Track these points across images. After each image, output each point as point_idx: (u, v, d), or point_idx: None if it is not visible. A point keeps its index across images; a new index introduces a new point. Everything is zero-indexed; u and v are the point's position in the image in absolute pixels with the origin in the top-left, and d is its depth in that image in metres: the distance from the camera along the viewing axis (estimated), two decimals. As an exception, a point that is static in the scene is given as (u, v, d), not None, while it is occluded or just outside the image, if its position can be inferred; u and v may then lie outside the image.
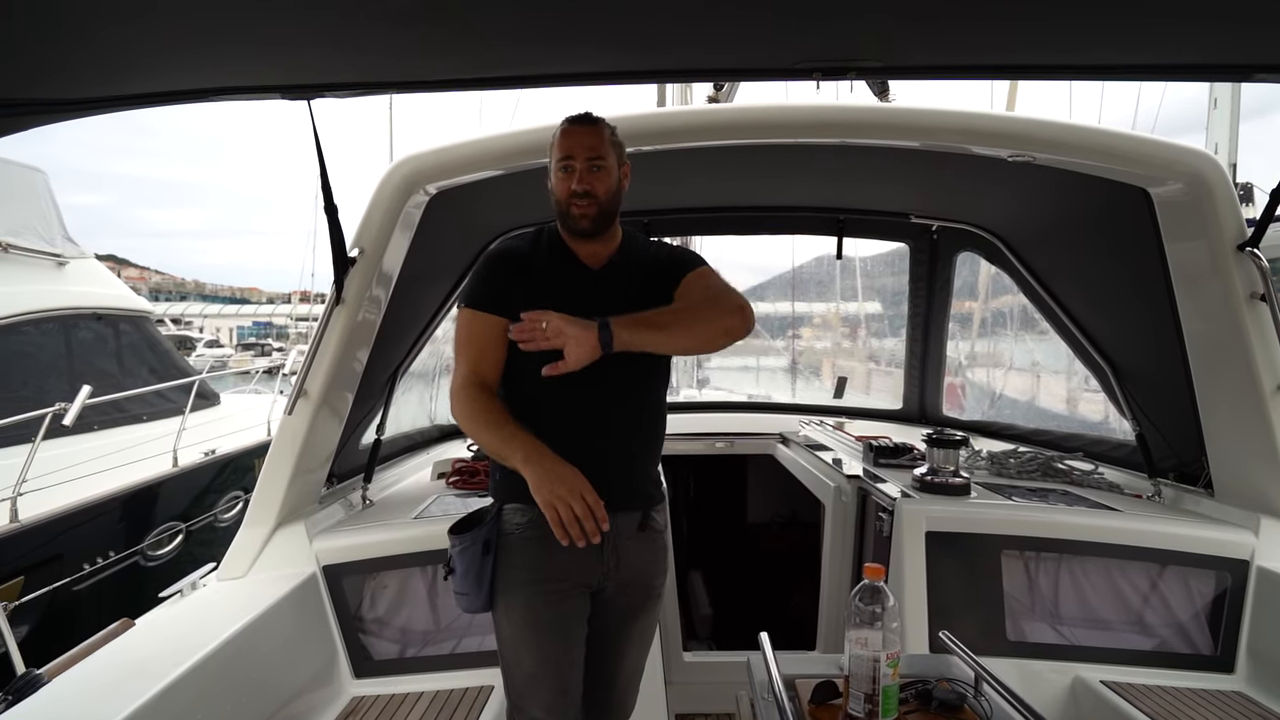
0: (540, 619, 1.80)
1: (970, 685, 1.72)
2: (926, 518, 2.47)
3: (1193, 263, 2.40)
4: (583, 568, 1.81)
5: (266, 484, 2.42)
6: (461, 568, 1.81)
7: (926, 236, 3.94)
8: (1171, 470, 2.81)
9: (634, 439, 1.89)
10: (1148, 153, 2.29)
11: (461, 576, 1.81)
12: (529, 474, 1.67)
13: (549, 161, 1.86)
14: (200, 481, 6.12)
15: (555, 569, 1.80)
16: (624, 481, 1.84)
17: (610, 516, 1.70)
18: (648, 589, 1.95)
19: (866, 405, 4.71)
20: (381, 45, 1.67)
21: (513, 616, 1.82)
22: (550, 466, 1.68)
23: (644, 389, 1.91)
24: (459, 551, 1.81)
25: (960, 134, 2.31)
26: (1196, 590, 2.43)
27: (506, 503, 1.83)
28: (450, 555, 1.84)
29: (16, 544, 4.38)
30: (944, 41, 1.74)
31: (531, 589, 1.80)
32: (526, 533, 1.80)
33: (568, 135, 1.83)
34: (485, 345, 1.81)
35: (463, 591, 1.82)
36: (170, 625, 2.10)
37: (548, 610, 1.81)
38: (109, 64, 1.62)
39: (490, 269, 1.87)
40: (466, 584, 1.81)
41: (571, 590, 1.83)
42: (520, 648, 1.82)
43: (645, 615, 1.98)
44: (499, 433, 1.75)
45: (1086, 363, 3.18)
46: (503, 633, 1.85)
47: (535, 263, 1.87)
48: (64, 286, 6.52)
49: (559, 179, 1.82)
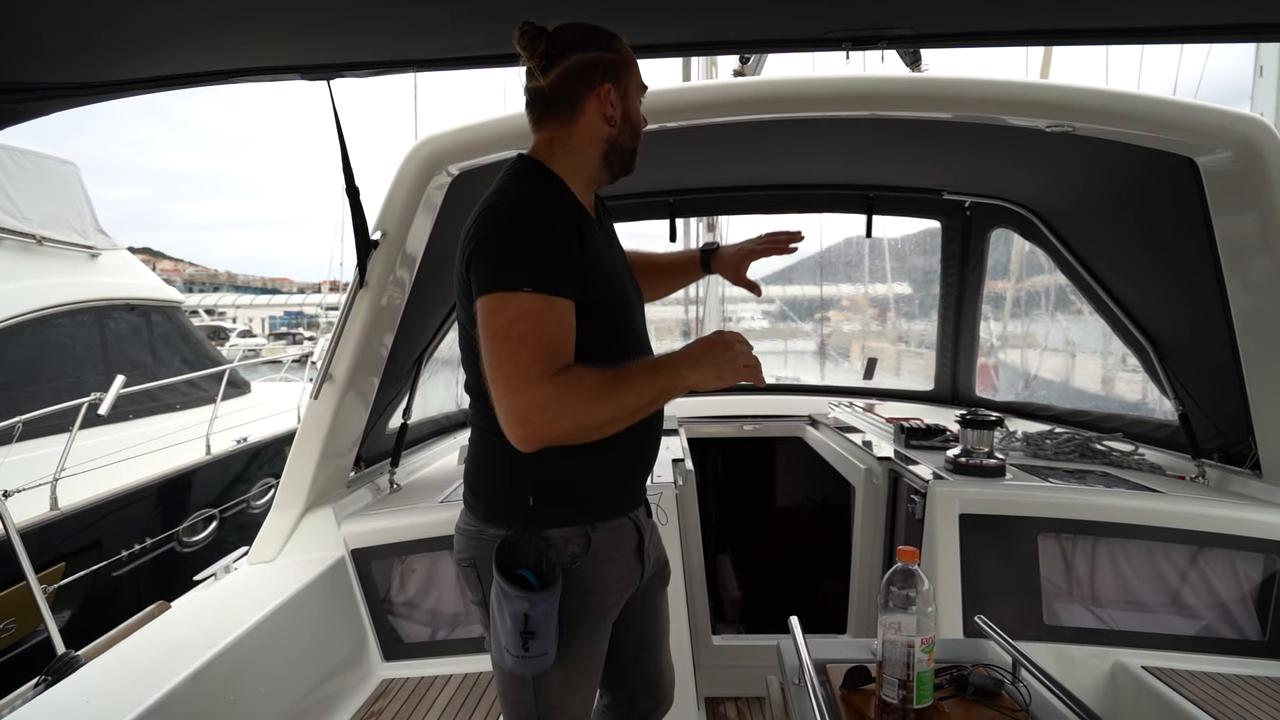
0: (597, 659, 1.58)
1: (1007, 671, 1.68)
2: (960, 500, 2.42)
3: (1242, 235, 2.30)
4: (629, 583, 1.60)
5: (294, 469, 2.44)
6: (544, 627, 1.41)
7: (959, 213, 3.85)
8: (1216, 451, 2.72)
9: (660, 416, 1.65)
10: (1195, 119, 2.19)
11: (544, 638, 1.42)
12: (697, 380, 1.37)
13: (610, 82, 1.49)
14: (233, 468, 6.24)
15: (611, 598, 1.55)
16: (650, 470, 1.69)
17: (640, 514, 1.63)
18: (663, 577, 1.79)
19: (897, 387, 4.64)
20: (401, 23, 1.64)
21: (573, 665, 1.51)
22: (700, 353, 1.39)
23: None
24: (542, 611, 1.41)
25: (996, 104, 2.23)
26: (1243, 574, 2.35)
27: (548, 528, 1.48)
28: (526, 616, 1.40)
29: (57, 531, 4.49)
30: (978, 6, 1.68)
31: (596, 624, 1.54)
32: (584, 561, 1.49)
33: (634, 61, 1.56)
34: (566, 338, 1.36)
35: (542, 653, 1.42)
36: (203, 609, 2.12)
37: (602, 646, 1.58)
38: (127, 48, 1.61)
39: (549, 239, 1.37)
40: (548, 643, 1.43)
41: (619, 610, 1.60)
42: (570, 695, 1.53)
43: (665, 603, 1.83)
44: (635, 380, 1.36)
45: (1126, 341, 3.08)
46: (550, 681, 1.50)
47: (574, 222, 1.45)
48: (97, 278, 6.64)
49: (638, 107, 1.55)
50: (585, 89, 1.47)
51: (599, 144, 1.51)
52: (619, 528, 1.56)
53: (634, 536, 1.60)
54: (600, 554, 1.51)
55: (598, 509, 1.53)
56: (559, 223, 1.39)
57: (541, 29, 1.45)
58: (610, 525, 1.54)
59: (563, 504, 1.50)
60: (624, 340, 1.52)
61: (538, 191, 1.45)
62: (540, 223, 1.37)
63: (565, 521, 1.49)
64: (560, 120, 1.50)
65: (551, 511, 1.49)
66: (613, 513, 1.56)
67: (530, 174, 1.49)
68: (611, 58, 1.50)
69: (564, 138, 1.50)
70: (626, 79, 1.52)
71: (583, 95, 1.48)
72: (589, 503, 1.53)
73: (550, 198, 1.45)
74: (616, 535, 1.56)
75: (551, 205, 1.43)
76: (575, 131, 1.50)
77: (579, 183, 1.52)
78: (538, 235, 1.36)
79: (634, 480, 1.62)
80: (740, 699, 3.10)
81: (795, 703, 1.64)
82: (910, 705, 1.48)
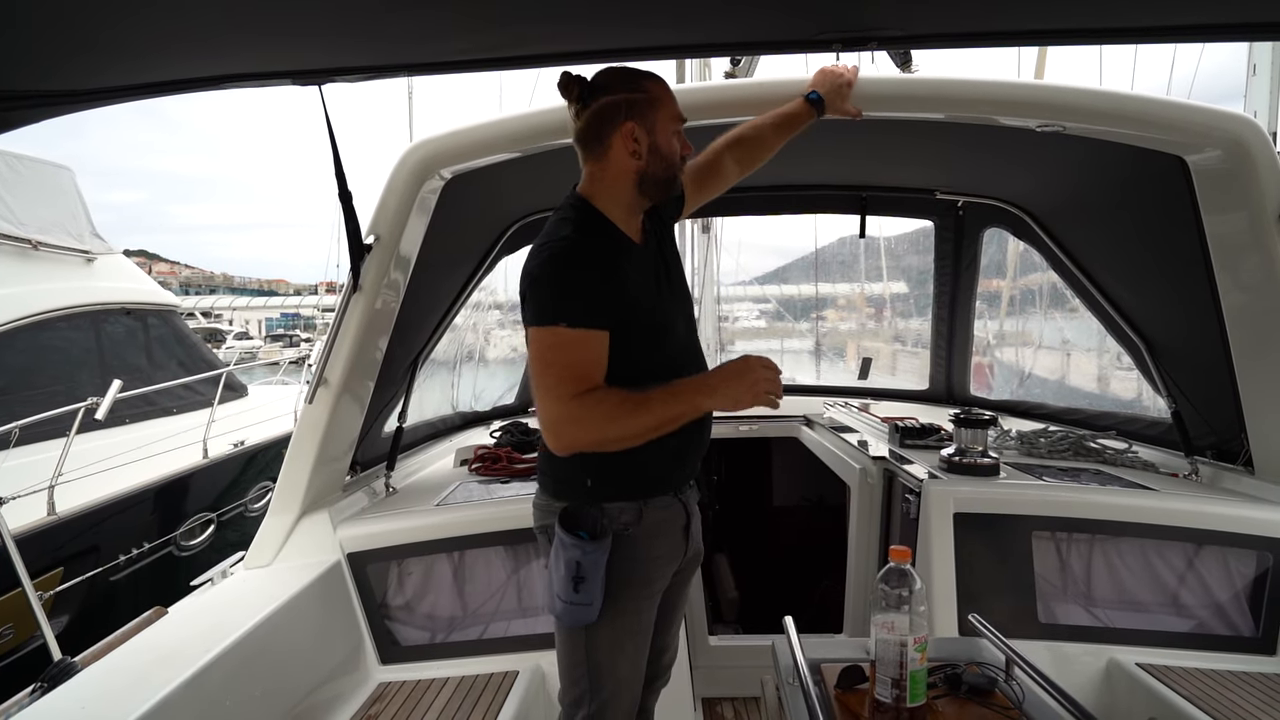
0: (644, 625, 1.77)
1: (1001, 669, 1.69)
2: (954, 499, 2.42)
3: (1232, 233, 2.31)
4: (673, 558, 1.81)
5: (290, 473, 2.44)
6: (594, 577, 1.65)
7: (952, 213, 3.86)
8: (1209, 448, 2.73)
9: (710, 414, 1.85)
10: (1185, 119, 2.20)
11: (592, 586, 1.65)
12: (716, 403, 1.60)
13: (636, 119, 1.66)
14: (230, 472, 6.23)
15: (658, 568, 1.77)
16: (701, 455, 1.86)
17: (688, 495, 1.81)
18: (699, 556, 1.95)
19: (892, 386, 4.65)
20: (393, 27, 1.64)
21: (620, 623, 1.72)
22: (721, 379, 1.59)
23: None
24: (593, 559, 1.65)
25: (988, 104, 2.24)
26: (1236, 571, 2.36)
27: (605, 502, 1.70)
28: (578, 563, 1.65)
29: (54, 536, 4.48)
30: (969, 7, 1.68)
31: (642, 591, 1.75)
32: (634, 531, 1.71)
33: (672, 93, 1.73)
34: (591, 371, 1.58)
35: (587, 601, 1.66)
36: (199, 614, 2.12)
37: (650, 612, 1.78)
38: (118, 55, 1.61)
39: (578, 275, 1.59)
40: (594, 593, 1.66)
41: (664, 586, 1.81)
42: (619, 655, 1.74)
43: (692, 581, 2.03)
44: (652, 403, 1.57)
45: (1119, 339, 3.09)
46: (600, 638, 1.72)
47: (609, 255, 1.65)
48: (93, 282, 6.63)
49: (675, 140, 1.71)
50: (611, 127, 1.66)
51: (630, 176, 1.69)
52: (669, 506, 1.77)
53: (682, 516, 1.81)
54: (650, 527, 1.72)
55: (649, 487, 1.74)
56: (596, 263, 1.60)
57: (577, 77, 1.67)
58: (661, 502, 1.75)
59: (617, 483, 1.70)
60: (655, 358, 1.69)
61: (580, 235, 1.63)
62: (578, 266, 1.59)
63: (619, 496, 1.71)
64: (594, 157, 1.70)
65: (608, 489, 1.71)
66: (662, 490, 1.76)
67: (576, 216, 1.68)
68: (637, 97, 1.67)
69: (599, 172, 1.70)
70: (654, 115, 1.68)
71: (609, 133, 1.66)
72: (641, 482, 1.73)
73: (591, 240, 1.65)
74: (666, 512, 1.77)
75: (591, 248, 1.63)
76: (608, 166, 1.69)
77: (618, 211, 1.70)
78: (575, 279, 1.58)
79: (681, 465, 1.80)
80: (737, 699, 3.11)
81: (790, 703, 1.65)
82: (904, 704, 1.48)
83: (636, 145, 1.66)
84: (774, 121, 2.12)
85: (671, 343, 1.77)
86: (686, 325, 1.84)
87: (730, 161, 2.09)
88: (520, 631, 2.46)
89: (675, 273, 1.84)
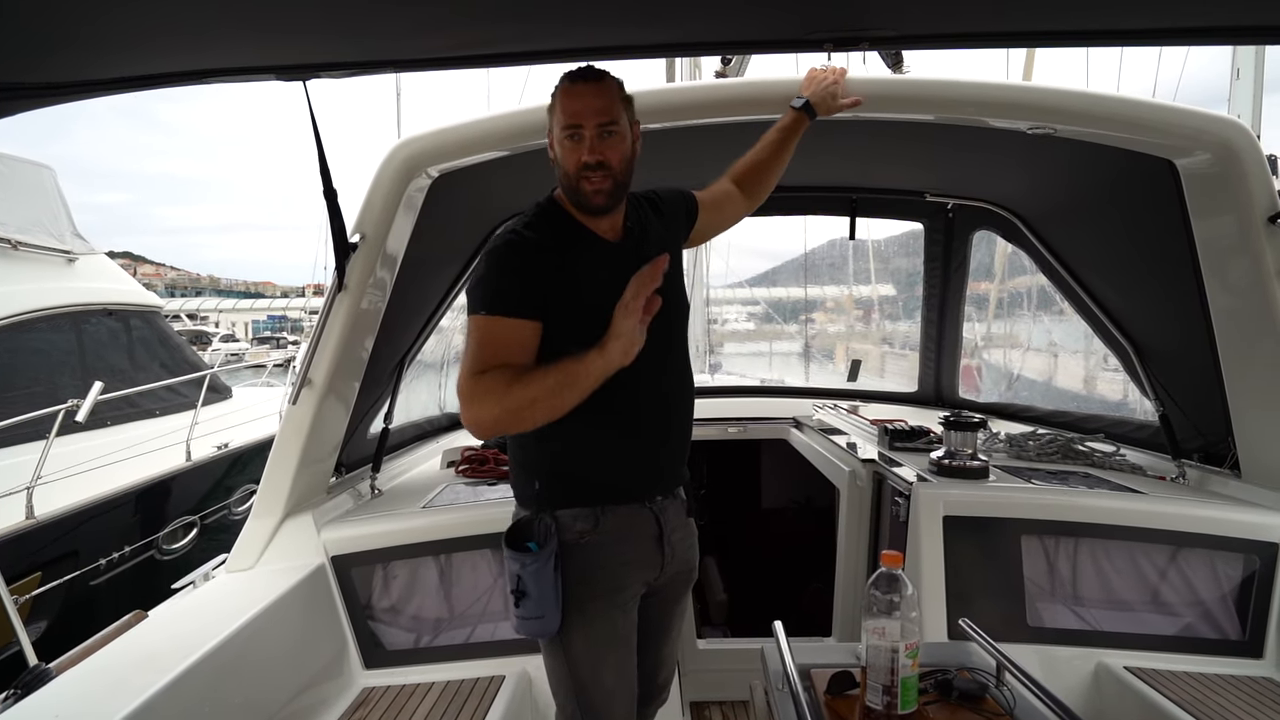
0: (620, 633, 1.70)
1: (991, 674, 1.68)
2: (944, 502, 2.42)
3: (1221, 237, 2.31)
4: (645, 567, 1.75)
5: (273, 475, 2.40)
6: (537, 590, 1.61)
7: (942, 215, 3.86)
8: (1196, 451, 2.74)
9: (684, 419, 1.81)
10: (1174, 122, 2.21)
11: (538, 600, 1.62)
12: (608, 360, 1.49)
13: (550, 128, 1.65)
14: (213, 475, 6.17)
15: (625, 575, 1.71)
16: (674, 467, 1.80)
17: (662, 505, 1.73)
18: (689, 573, 1.90)
19: (881, 388, 4.64)
20: (379, 23, 1.62)
21: (593, 634, 1.67)
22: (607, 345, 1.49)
23: (686, 360, 1.81)
24: (532, 571, 1.61)
25: (978, 106, 2.23)
26: (1223, 574, 2.36)
27: (559, 509, 1.67)
28: (518, 576, 1.62)
29: (33, 540, 4.41)
30: (960, 8, 1.67)
31: (610, 600, 1.68)
32: (590, 539, 1.66)
33: (572, 96, 1.60)
34: (511, 356, 1.56)
35: (537, 615, 1.63)
36: (179, 618, 2.08)
37: (625, 623, 1.71)
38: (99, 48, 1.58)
39: (505, 267, 1.60)
40: (543, 606, 1.62)
41: (637, 594, 1.75)
42: (600, 666, 1.69)
43: (685, 598, 1.95)
44: (545, 376, 1.51)
45: (1107, 342, 3.10)
46: (576, 650, 1.68)
47: (554, 250, 1.63)
48: (74, 283, 6.56)
49: (566, 149, 1.61)
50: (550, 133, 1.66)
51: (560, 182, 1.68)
52: (634, 514, 1.71)
53: (651, 525, 1.73)
54: (610, 535, 1.66)
55: (607, 493, 1.68)
56: (532, 255, 1.59)
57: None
58: (622, 511, 1.69)
59: (567, 489, 1.67)
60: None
61: (524, 229, 1.63)
62: (509, 258, 1.59)
63: (573, 503, 1.66)
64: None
65: (559, 495, 1.67)
66: (624, 499, 1.70)
67: (534, 211, 1.68)
68: (551, 102, 1.64)
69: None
70: (552, 120, 1.64)
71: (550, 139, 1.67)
72: (594, 489, 1.68)
73: (534, 233, 1.62)
74: (631, 520, 1.70)
75: (530, 241, 1.61)
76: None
77: (581, 213, 1.68)
78: (502, 270, 1.59)
79: (643, 472, 1.73)
80: (725, 703, 3.09)
81: (779, 708, 1.63)
82: (895, 711, 1.47)
83: (552, 151, 1.66)
84: (773, 141, 2.08)
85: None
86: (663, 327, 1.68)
87: (741, 194, 2.07)
88: (507, 636, 2.44)
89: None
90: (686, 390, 1.83)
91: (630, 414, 1.68)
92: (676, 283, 1.82)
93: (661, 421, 1.75)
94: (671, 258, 1.71)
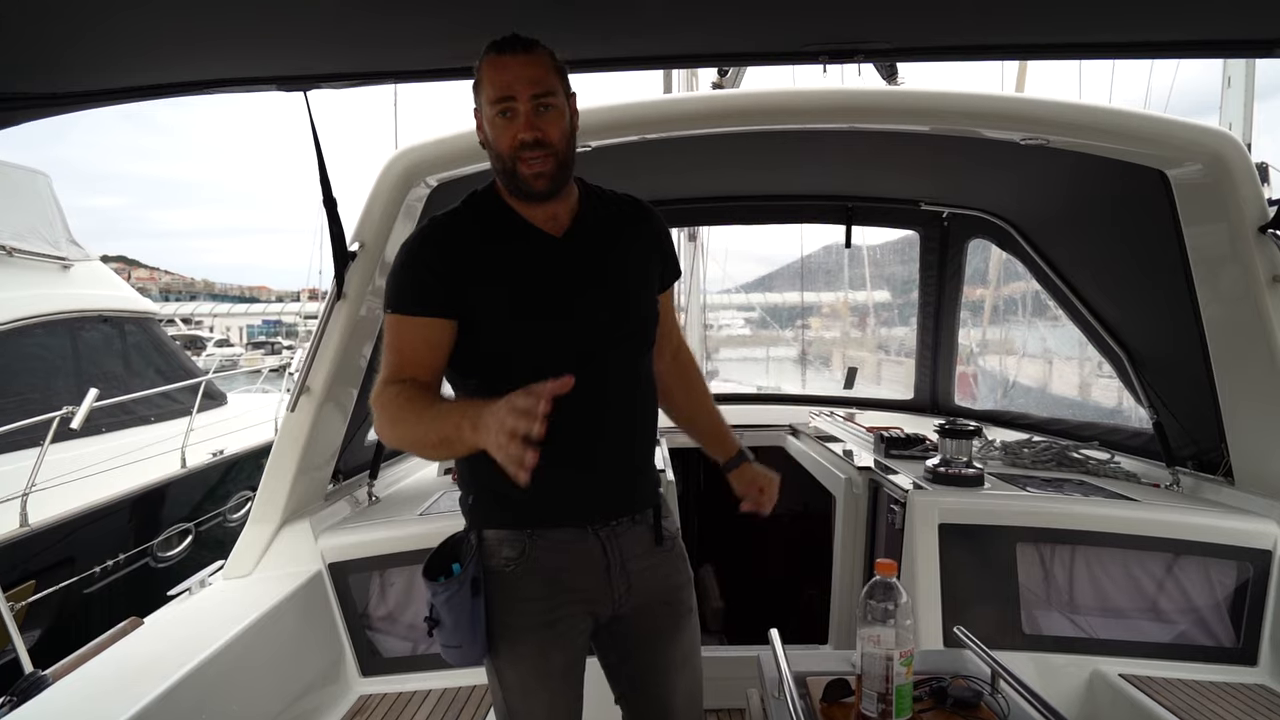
0: (554, 667, 1.52)
1: (986, 682, 1.68)
2: (939, 510, 2.43)
3: (1212, 246, 2.34)
4: (588, 600, 1.52)
5: (270, 482, 2.40)
6: (451, 619, 1.46)
7: (937, 223, 3.89)
8: (1190, 459, 2.76)
9: (635, 432, 1.57)
10: (1165, 133, 2.23)
11: (452, 629, 1.47)
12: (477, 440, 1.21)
13: (477, 107, 1.45)
14: (208, 481, 6.14)
15: (561, 607, 1.50)
16: (624, 490, 1.56)
17: (611, 528, 1.51)
18: (674, 606, 1.63)
19: (877, 396, 4.66)
20: (381, 34, 1.63)
21: (521, 667, 1.51)
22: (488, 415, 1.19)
23: (642, 368, 1.57)
24: (445, 600, 1.46)
25: (972, 116, 2.26)
26: (1217, 581, 2.38)
27: (485, 529, 1.50)
28: (432, 605, 1.49)
29: (27, 547, 4.39)
30: (953, 21, 1.70)
31: (540, 633, 1.49)
32: (519, 566, 1.48)
33: (500, 68, 1.37)
34: (419, 356, 1.44)
35: (454, 645, 1.48)
36: (175, 625, 2.08)
37: (560, 655, 1.52)
38: (101, 58, 1.60)
39: (414, 260, 1.45)
40: (459, 635, 1.47)
41: (578, 626, 1.53)
42: (531, 700, 1.52)
43: (682, 634, 1.64)
44: (427, 417, 1.34)
45: (1101, 350, 3.12)
46: (506, 681, 1.53)
47: (479, 241, 1.46)
48: (69, 289, 6.53)
49: (498, 127, 1.39)
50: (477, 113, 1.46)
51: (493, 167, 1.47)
52: (574, 542, 1.50)
53: (597, 555, 1.51)
54: (541, 563, 1.48)
55: (539, 517, 1.48)
56: (446, 246, 1.45)
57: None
58: (557, 536, 1.49)
59: (497, 507, 1.49)
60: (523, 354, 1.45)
61: (445, 219, 1.49)
62: (420, 251, 1.46)
63: (501, 524, 1.49)
64: None
65: (488, 513, 1.51)
66: (560, 523, 1.49)
67: (465, 199, 1.52)
68: (477, 76, 1.43)
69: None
70: (480, 98, 1.43)
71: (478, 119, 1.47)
72: (528, 510, 1.47)
73: (457, 224, 1.48)
74: (567, 548, 1.49)
75: (450, 233, 1.47)
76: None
77: (517, 202, 1.47)
78: (411, 264, 1.45)
79: (585, 495, 1.51)
80: (721, 710, 3.09)
81: (775, 716, 1.64)
82: (890, 718, 1.48)
83: (482, 134, 1.45)
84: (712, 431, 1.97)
85: (553, 343, 1.46)
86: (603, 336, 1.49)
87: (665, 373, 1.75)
88: None
89: (613, 276, 1.52)
90: (640, 407, 1.59)
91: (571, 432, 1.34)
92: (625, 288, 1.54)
93: (606, 440, 1.52)
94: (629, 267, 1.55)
